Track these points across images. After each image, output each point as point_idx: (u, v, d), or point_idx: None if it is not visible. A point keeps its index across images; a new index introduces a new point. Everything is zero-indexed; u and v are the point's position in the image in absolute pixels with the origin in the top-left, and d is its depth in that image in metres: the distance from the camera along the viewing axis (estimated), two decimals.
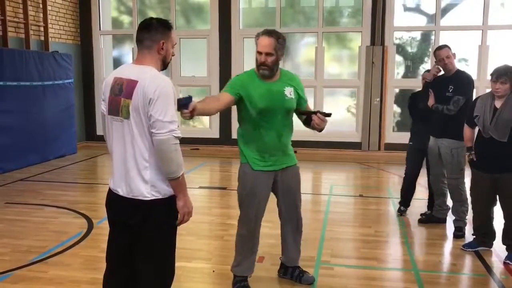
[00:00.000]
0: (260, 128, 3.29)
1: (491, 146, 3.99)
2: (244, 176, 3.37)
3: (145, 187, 2.40)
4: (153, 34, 2.45)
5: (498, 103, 3.99)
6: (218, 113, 3.41)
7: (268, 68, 3.22)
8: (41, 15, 9.11)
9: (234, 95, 3.21)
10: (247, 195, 3.36)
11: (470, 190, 4.34)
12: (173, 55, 2.57)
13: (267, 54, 3.18)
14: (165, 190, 2.43)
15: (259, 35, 3.23)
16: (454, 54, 4.70)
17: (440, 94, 4.68)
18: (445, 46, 4.72)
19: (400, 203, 5.50)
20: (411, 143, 5.36)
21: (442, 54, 4.66)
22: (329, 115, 3.28)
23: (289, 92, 3.32)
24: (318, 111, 3.31)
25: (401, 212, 5.44)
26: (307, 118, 3.36)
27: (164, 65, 2.55)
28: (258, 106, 3.21)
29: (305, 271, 3.71)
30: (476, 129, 4.18)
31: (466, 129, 4.27)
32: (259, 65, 3.23)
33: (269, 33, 3.21)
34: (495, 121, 3.94)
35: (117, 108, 2.42)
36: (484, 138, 4.03)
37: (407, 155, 5.42)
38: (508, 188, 4.01)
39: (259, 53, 3.21)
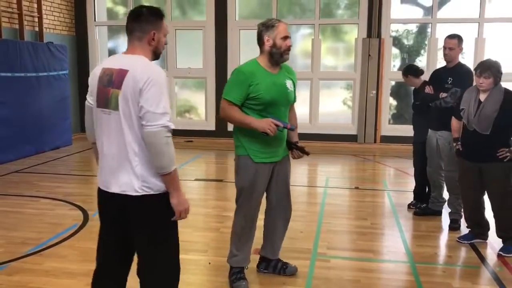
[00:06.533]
0: None
1: (475, 138, 4.04)
2: (245, 168, 3.32)
3: (136, 182, 2.27)
4: (143, 25, 2.34)
5: (482, 97, 4.03)
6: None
7: (289, 52, 3.32)
8: (35, 5, 9.03)
9: (240, 105, 3.24)
10: (248, 188, 3.32)
11: (458, 179, 4.37)
12: (165, 44, 2.46)
13: (289, 37, 3.28)
14: (158, 186, 2.30)
15: (278, 21, 3.30)
16: (461, 49, 4.68)
17: (439, 86, 4.68)
18: (456, 37, 4.66)
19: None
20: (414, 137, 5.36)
21: (447, 44, 4.66)
22: (307, 153, 3.41)
23: (289, 85, 3.36)
24: (301, 147, 3.41)
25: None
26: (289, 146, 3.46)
27: (155, 56, 2.43)
28: (265, 98, 3.19)
29: (286, 262, 3.68)
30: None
31: (453, 121, 4.32)
32: (285, 50, 3.27)
33: (284, 22, 3.34)
34: (478, 114, 3.98)
35: (106, 100, 2.30)
36: (468, 130, 4.10)
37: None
38: (491, 176, 4.05)
39: (285, 37, 3.24)
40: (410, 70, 5.30)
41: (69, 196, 5.79)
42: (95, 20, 10.48)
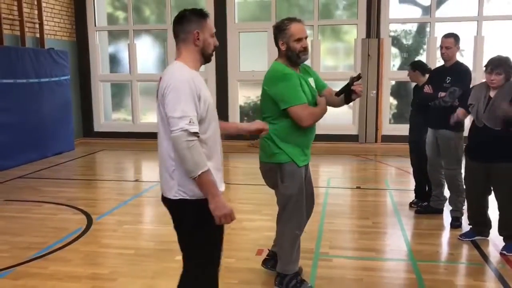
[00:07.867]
0: None
1: (484, 135, 4.02)
2: (291, 175, 3.25)
3: (174, 186, 2.31)
4: (185, 26, 2.36)
5: (492, 93, 4.02)
6: None
7: (308, 52, 3.19)
8: (36, 12, 9.08)
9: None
10: (297, 193, 3.28)
11: (464, 179, 4.39)
12: (216, 46, 2.44)
13: (306, 38, 3.16)
14: (193, 191, 2.28)
15: (290, 23, 3.13)
16: (458, 47, 4.69)
17: (438, 85, 4.70)
18: (452, 36, 4.65)
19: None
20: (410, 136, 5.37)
21: (444, 43, 4.66)
22: (360, 76, 3.27)
23: (312, 82, 3.33)
24: (352, 81, 3.26)
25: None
26: (347, 93, 3.30)
27: (205, 58, 2.44)
28: (309, 99, 3.18)
29: None
30: (470, 118, 4.22)
31: (460, 110, 4.31)
32: (301, 51, 3.14)
33: (298, 20, 3.17)
34: (488, 110, 3.98)
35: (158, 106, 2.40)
36: (477, 127, 4.07)
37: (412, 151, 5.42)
38: (500, 177, 4.05)
39: (299, 39, 3.11)
40: (419, 66, 5.19)
41: (72, 201, 5.82)
42: (95, 25, 10.52)
